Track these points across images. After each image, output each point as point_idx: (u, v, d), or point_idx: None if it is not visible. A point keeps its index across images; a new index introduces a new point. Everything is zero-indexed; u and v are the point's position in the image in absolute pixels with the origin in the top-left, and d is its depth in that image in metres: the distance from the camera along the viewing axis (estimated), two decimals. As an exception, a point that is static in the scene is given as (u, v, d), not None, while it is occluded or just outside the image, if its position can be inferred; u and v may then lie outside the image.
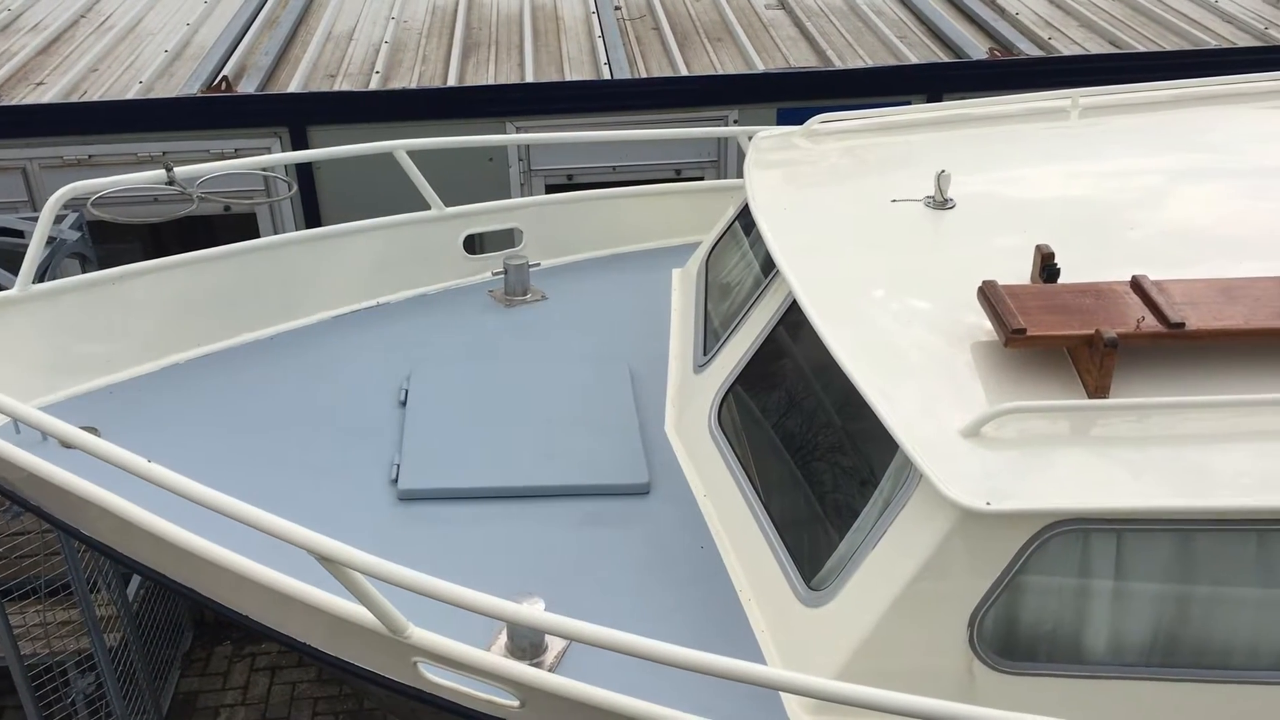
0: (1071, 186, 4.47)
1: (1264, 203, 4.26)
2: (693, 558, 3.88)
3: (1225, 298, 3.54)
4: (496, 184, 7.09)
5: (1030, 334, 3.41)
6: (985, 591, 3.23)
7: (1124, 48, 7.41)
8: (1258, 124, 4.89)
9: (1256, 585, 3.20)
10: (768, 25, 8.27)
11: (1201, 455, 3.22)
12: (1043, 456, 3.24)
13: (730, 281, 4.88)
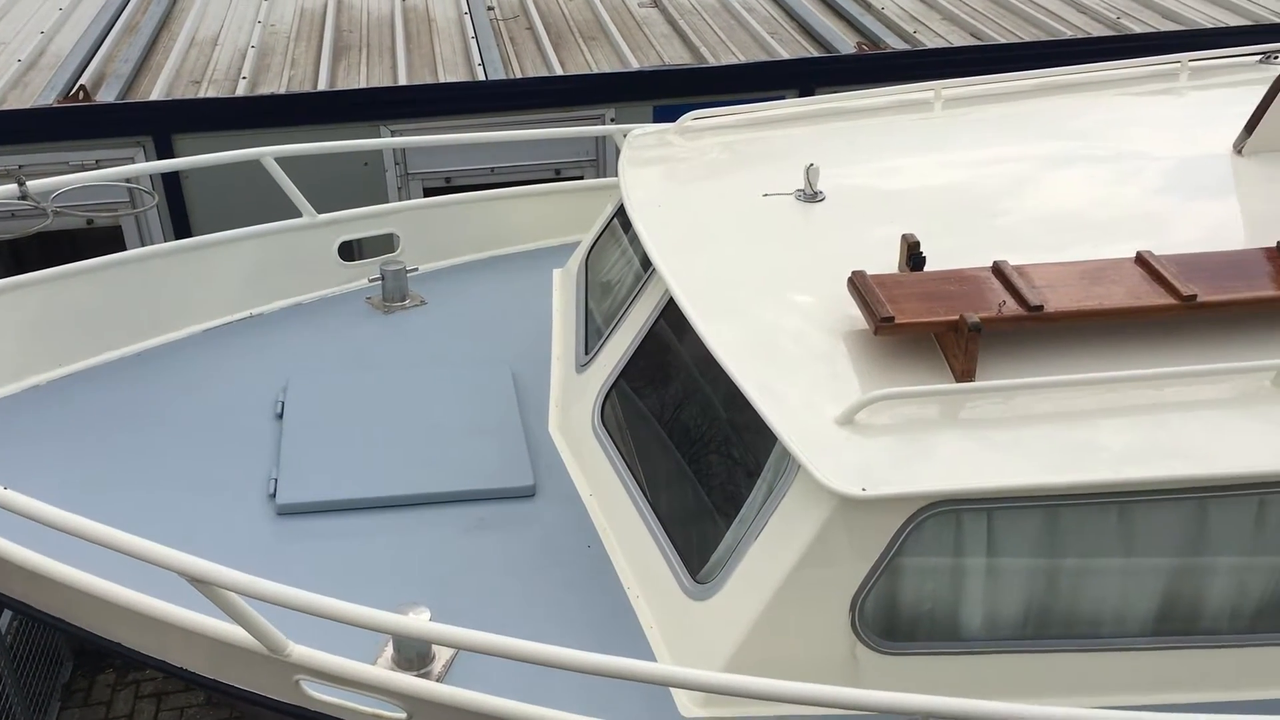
0: (938, 176, 4.59)
1: (1125, 186, 4.42)
2: (580, 558, 3.88)
3: (1084, 280, 3.67)
4: (373, 189, 6.98)
5: (898, 322, 3.49)
6: (865, 576, 3.30)
7: (985, 40, 7.64)
8: (1117, 110, 5.08)
9: (1120, 555, 3.33)
10: (641, 24, 8.30)
11: (1064, 432, 3.33)
12: (914, 441, 3.32)
13: (610, 280, 4.89)
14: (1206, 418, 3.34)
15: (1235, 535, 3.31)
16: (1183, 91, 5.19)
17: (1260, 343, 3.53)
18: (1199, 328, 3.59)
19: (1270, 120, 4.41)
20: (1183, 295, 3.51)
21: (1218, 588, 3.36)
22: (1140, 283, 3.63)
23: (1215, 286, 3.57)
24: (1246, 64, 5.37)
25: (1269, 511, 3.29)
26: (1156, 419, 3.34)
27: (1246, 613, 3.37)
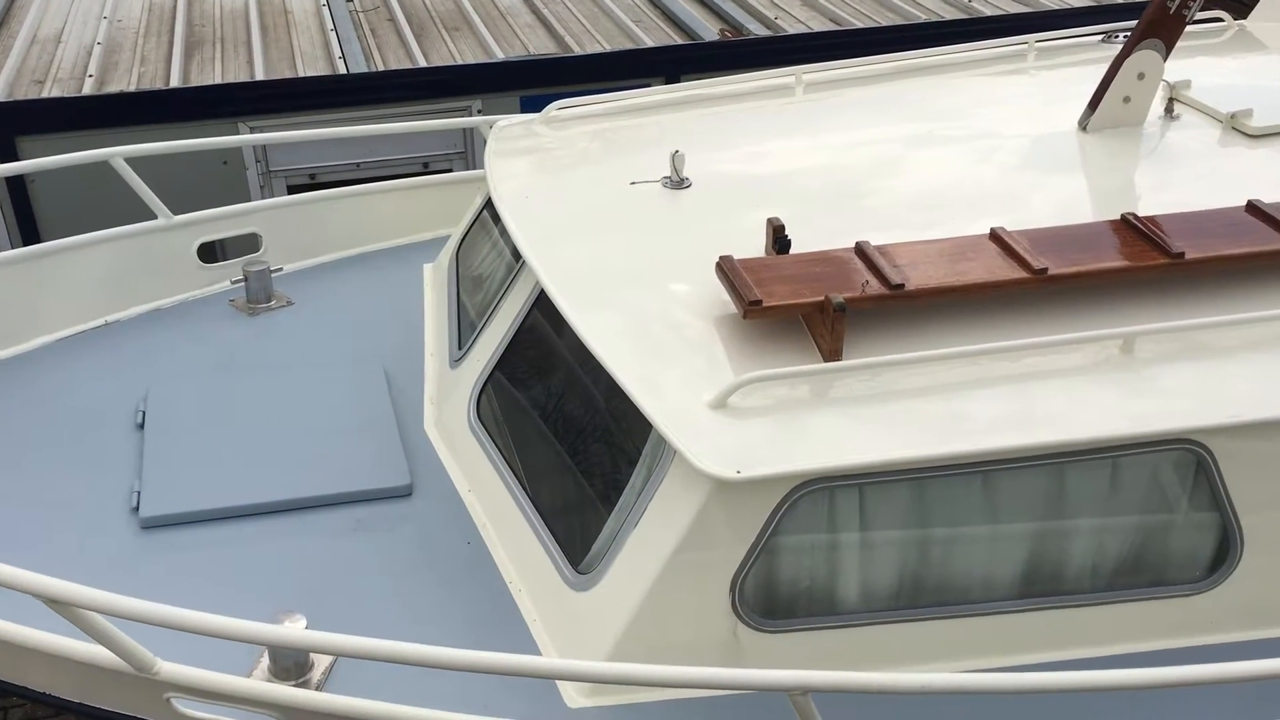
0: (802, 159, 4.66)
1: (980, 165, 4.55)
2: (460, 555, 3.85)
3: (943, 257, 3.77)
4: (234, 188, 6.78)
5: (766, 305, 3.53)
6: (743, 557, 3.34)
7: (844, 24, 7.79)
8: (970, 91, 5.22)
9: (987, 523, 3.44)
10: (505, 13, 8.24)
11: (929, 406, 3.42)
12: (786, 421, 3.37)
13: (482, 273, 4.85)
14: (1063, 386, 3.47)
15: (1092, 497, 3.45)
16: (1031, 71, 5.37)
17: (1109, 311, 3.67)
18: (1052, 299, 3.73)
19: (1111, 98, 4.59)
20: (1035, 269, 3.63)
21: (1078, 549, 3.49)
22: (996, 258, 3.74)
23: (1065, 259, 3.71)
24: (1090, 43, 5.58)
25: (1123, 474, 3.44)
26: (1016, 389, 3.46)
27: (1105, 571, 3.52)
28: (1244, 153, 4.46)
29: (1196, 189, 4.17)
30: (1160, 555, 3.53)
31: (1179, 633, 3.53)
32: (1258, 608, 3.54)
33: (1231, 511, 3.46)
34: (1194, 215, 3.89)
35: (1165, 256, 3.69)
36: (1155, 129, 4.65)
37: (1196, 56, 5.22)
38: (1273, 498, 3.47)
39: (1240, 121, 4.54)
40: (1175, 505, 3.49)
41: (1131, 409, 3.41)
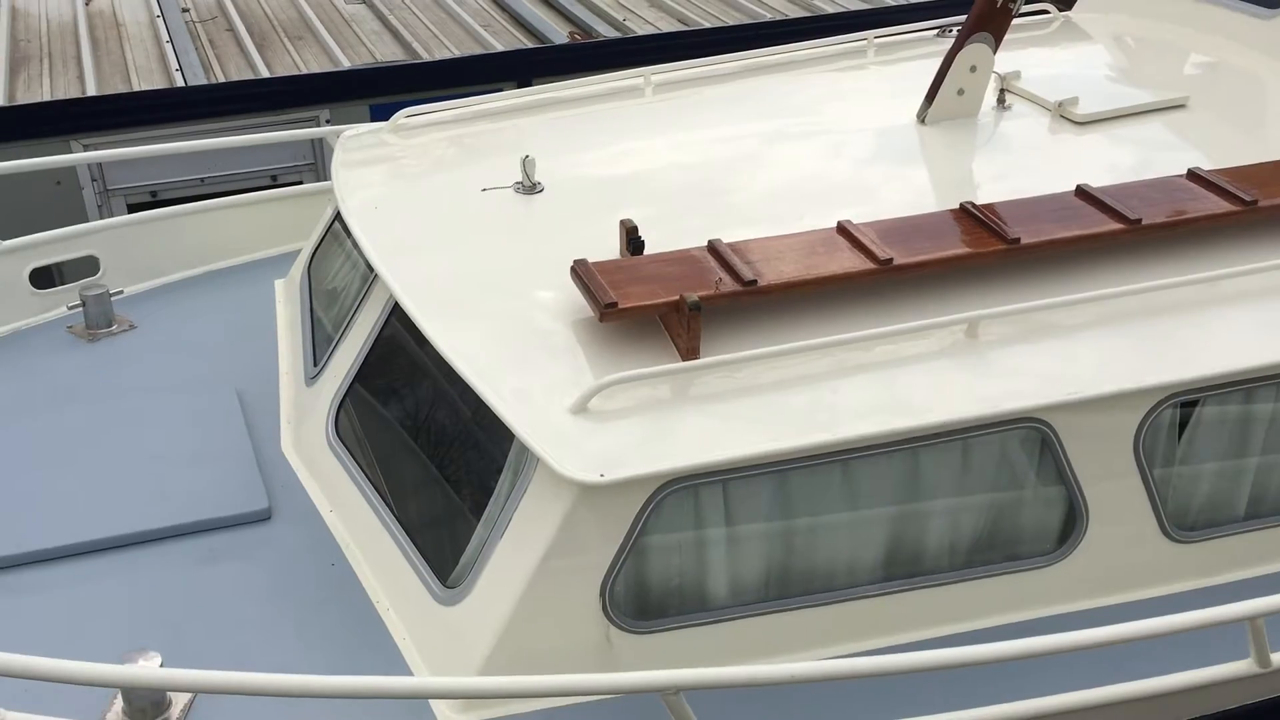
0: (653, 160, 4.68)
1: (826, 160, 4.64)
2: (324, 578, 3.75)
3: (794, 251, 3.83)
4: (69, 209, 6.49)
5: (621, 307, 3.54)
6: (612, 560, 3.34)
7: (691, 24, 7.87)
8: (815, 87, 5.32)
9: (848, 510, 3.51)
10: (350, 21, 8.08)
11: (787, 399, 3.47)
12: (648, 422, 3.38)
13: (335, 287, 4.74)
14: (914, 372, 3.57)
15: (948, 479, 3.55)
16: (872, 67, 5.51)
17: (954, 297, 3.79)
18: (900, 288, 3.82)
19: (946, 91, 4.74)
20: (881, 260, 3.72)
21: (936, 530, 3.59)
22: (844, 251, 3.82)
23: (910, 249, 3.81)
24: (926, 38, 5.75)
25: (974, 454, 3.55)
26: (870, 378, 3.54)
27: (963, 549, 3.63)
28: (1072, 139, 4.65)
29: (1030, 176, 4.34)
30: (1013, 531, 3.66)
31: (1034, 604, 3.66)
32: (1104, 576, 3.70)
33: (1076, 485, 3.61)
34: (1028, 201, 4.04)
35: (1003, 242, 3.82)
36: (989, 119, 4.82)
37: (1025, 48, 5.43)
38: (1112, 469, 3.63)
39: (1068, 109, 4.74)
40: (1024, 482, 3.62)
41: (979, 391, 3.52)
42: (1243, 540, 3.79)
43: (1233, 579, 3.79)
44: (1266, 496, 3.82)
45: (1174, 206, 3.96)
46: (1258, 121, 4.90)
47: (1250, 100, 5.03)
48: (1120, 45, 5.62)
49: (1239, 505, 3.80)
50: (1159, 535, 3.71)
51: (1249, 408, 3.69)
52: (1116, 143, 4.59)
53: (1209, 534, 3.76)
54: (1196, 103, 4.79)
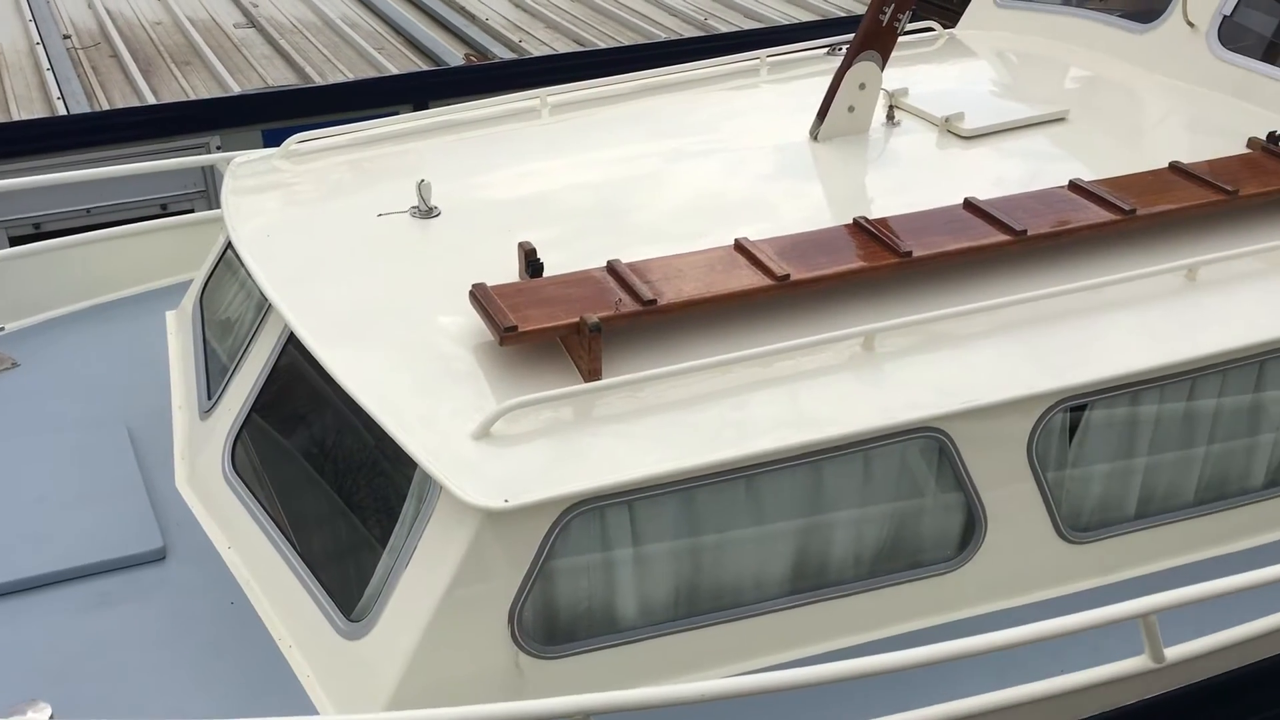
0: (552, 181, 4.68)
1: (731, 177, 4.67)
2: (224, 617, 3.65)
3: (693, 270, 3.85)
4: (-54, 243, 6.25)
5: (521, 330, 3.52)
6: (519, 586, 3.31)
7: (587, 45, 7.90)
8: (710, 106, 5.37)
9: (754, 525, 3.53)
10: (239, 45, 7.94)
11: (691, 417, 3.49)
12: (551, 445, 3.37)
13: (229, 317, 4.63)
14: (814, 386, 3.61)
15: (850, 491, 3.59)
16: (765, 85, 5.59)
17: (851, 311, 3.84)
18: (798, 304, 3.87)
19: (837, 108, 4.82)
20: (778, 276, 3.77)
21: (841, 541, 3.64)
22: (743, 268, 3.86)
23: (806, 265, 3.86)
24: (817, 56, 5.85)
25: (876, 465, 3.60)
26: (771, 393, 3.57)
27: (867, 559, 3.68)
28: (959, 153, 4.77)
29: (919, 190, 4.43)
30: (915, 539, 3.72)
31: (938, 610, 3.72)
32: (1004, 579, 3.78)
33: (974, 491, 3.68)
34: (919, 215, 4.13)
35: (896, 256, 3.90)
36: (879, 135, 4.91)
37: (912, 65, 5.56)
38: (1008, 475, 3.71)
39: (954, 124, 4.86)
40: (925, 490, 3.69)
41: (878, 402, 3.58)
42: (1134, 539, 3.91)
43: (1126, 577, 3.90)
44: (1155, 496, 3.95)
45: (1057, 217, 4.09)
46: (1135, 132, 5.09)
47: (1127, 112, 5.22)
48: (1003, 61, 5.79)
49: (1129, 505, 3.92)
50: (1054, 537, 3.80)
51: (1135, 410, 3.81)
52: (1001, 156, 4.72)
53: (1102, 534, 3.87)
54: (1076, 115, 4.95)
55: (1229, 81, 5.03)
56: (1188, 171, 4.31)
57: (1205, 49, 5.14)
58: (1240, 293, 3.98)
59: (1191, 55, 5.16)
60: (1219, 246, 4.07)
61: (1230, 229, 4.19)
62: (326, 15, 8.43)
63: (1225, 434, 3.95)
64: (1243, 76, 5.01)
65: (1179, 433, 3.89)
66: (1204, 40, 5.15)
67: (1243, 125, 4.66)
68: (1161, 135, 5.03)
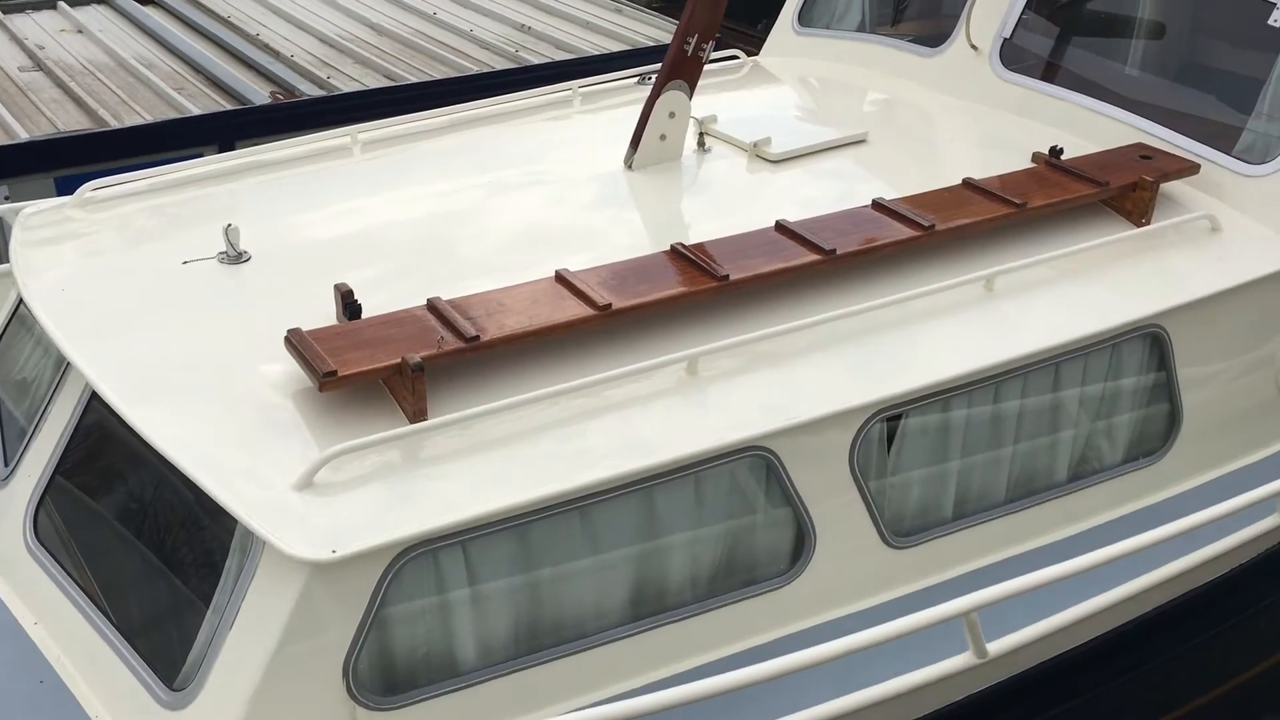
0: (367, 220, 4.58)
1: (549, 208, 4.67)
2: (33, 698, 3.42)
3: (516, 303, 3.82)
4: None
5: (341, 375, 3.43)
6: (352, 638, 3.22)
7: (399, 80, 7.80)
8: (531, 137, 5.36)
9: (592, 556, 3.53)
10: (25, 89, 7.52)
11: (521, 452, 3.47)
12: (379, 490, 3.30)
13: (26, 377, 4.36)
14: (642, 413, 3.64)
15: (683, 514, 3.63)
16: (578, 116, 5.63)
17: (673, 336, 3.89)
18: (622, 331, 3.89)
19: (649, 137, 4.90)
20: (600, 305, 3.79)
21: (677, 565, 3.67)
22: (565, 299, 3.86)
23: (628, 293, 3.90)
24: (628, 86, 5.93)
25: (707, 486, 3.65)
26: (600, 423, 3.59)
27: (703, 581, 3.72)
28: (769, 177, 4.91)
29: (733, 214, 4.54)
30: (749, 557, 3.79)
31: (774, 625, 3.79)
32: (835, 589, 3.88)
33: (802, 505, 3.78)
34: (733, 239, 4.23)
35: (714, 280, 3.97)
36: (692, 162, 5.01)
37: (720, 92, 5.70)
38: (833, 487, 3.82)
39: (762, 149, 5.00)
40: (755, 508, 3.76)
41: (704, 425, 3.63)
42: (954, 539, 4.08)
43: (950, 576, 4.06)
44: (970, 496, 4.13)
45: (864, 235, 4.25)
46: (930, 151, 5.34)
47: (922, 132, 5.48)
48: (805, 86, 6.00)
49: (947, 507, 4.09)
50: (880, 544, 3.93)
51: (947, 416, 3.99)
52: (808, 178, 4.88)
53: (924, 537, 4.02)
54: (875, 137, 5.17)
55: (1012, 100, 5.34)
56: (980, 187, 4.54)
57: (989, 70, 5.44)
58: (1034, 299, 4.22)
59: (977, 76, 5.46)
60: (1012, 256, 4.31)
61: (1021, 239, 4.44)
62: (120, 56, 8.09)
63: (1030, 433, 4.17)
64: (1024, 95, 5.33)
65: (988, 435, 4.09)
66: (987, 62, 5.45)
67: (1026, 141, 4.95)
68: (954, 153, 5.30)
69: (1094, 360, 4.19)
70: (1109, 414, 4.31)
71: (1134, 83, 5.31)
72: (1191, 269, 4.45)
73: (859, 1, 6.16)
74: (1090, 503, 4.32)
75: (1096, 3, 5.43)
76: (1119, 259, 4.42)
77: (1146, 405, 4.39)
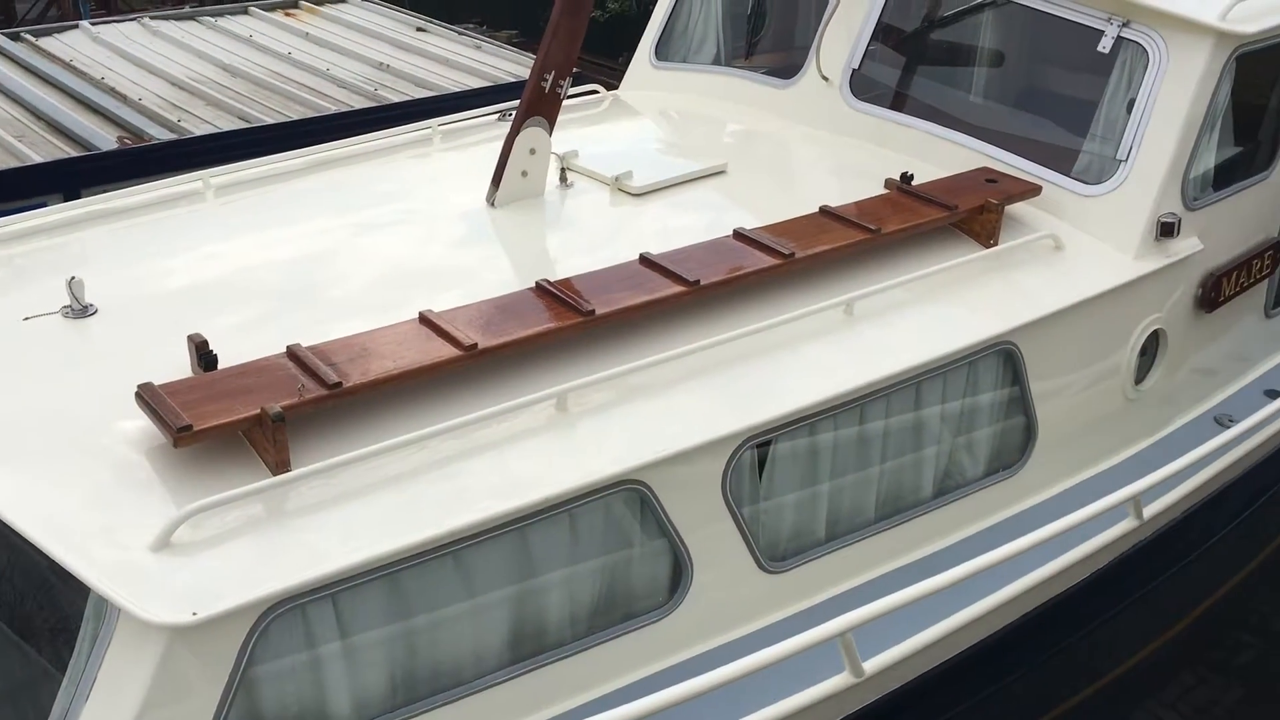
0: (222, 267, 4.45)
1: (412, 249, 4.60)
2: None
3: (378, 347, 3.75)
4: None
5: (197, 429, 3.32)
6: (219, 702, 3.10)
7: (254, 122, 7.63)
8: (392, 177, 5.29)
9: (465, 600, 3.48)
10: None
11: (389, 499, 3.40)
12: (242, 547, 3.19)
13: None
14: (513, 453, 3.61)
15: (559, 552, 3.61)
16: (440, 154, 5.59)
17: (542, 373, 3.87)
18: (491, 370, 3.85)
19: (510, 174, 4.88)
20: (466, 346, 3.75)
21: (556, 604, 3.64)
22: (430, 341, 3.81)
23: (493, 332, 3.86)
24: (489, 123, 5.91)
25: (581, 523, 3.63)
26: (469, 465, 3.54)
27: (584, 618, 3.70)
28: (631, 210, 4.94)
29: (597, 249, 4.55)
30: (627, 591, 3.78)
31: (656, 658, 3.79)
32: (715, 618, 3.90)
33: (678, 536, 3.79)
34: (598, 273, 4.24)
35: (580, 315, 3.97)
36: (554, 198, 5.02)
37: (580, 127, 5.72)
38: (707, 516, 3.85)
39: (624, 183, 5.04)
40: (632, 541, 3.76)
41: (576, 461, 3.62)
42: (827, 561, 4.14)
43: (826, 597, 4.12)
44: (841, 517, 4.20)
45: (727, 265, 4.30)
46: (787, 180, 5.46)
47: (779, 162, 5.60)
48: (665, 119, 6.07)
49: (820, 530, 4.15)
50: (756, 570, 3.97)
51: (814, 440, 4.06)
52: (670, 210, 4.93)
53: (798, 561, 4.08)
54: (734, 167, 5.26)
55: (863, 129, 5.50)
56: (836, 214, 4.65)
57: (840, 100, 5.59)
58: (892, 321, 4.33)
59: (829, 106, 5.61)
60: (870, 281, 4.42)
61: (878, 264, 4.56)
62: (-47, 103, 7.74)
63: (895, 452, 4.27)
64: (875, 124, 5.49)
65: (856, 456, 4.17)
66: (838, 92, 5.60)
67: (879, 168, 5.09)
68: (810, 181, 5.42)
69: (952, 378, 4.32)
70: (969, 430, 4.45)
71: (978, 109, 5.53)
72: (1038, 286, 4.63)
73: (714, 35, 6.27)
74: (956, 517, 4.44)
75: (939, 33, 5.64)
76: (970, 279, 4.57)
77: (1004, 419, 4.54)
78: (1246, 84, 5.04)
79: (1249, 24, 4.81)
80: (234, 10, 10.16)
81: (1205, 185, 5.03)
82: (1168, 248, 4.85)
